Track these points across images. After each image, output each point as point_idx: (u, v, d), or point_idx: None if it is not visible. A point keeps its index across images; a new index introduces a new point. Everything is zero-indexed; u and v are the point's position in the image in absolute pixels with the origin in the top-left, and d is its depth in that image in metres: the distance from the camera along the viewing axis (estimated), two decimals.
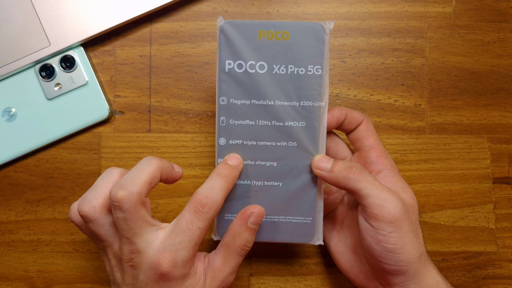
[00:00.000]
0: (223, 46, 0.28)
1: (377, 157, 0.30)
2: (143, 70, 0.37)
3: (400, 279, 0.27)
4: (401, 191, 0.29)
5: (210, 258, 0.28)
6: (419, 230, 0.28)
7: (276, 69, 0.28)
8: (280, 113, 0.28)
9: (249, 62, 0.28)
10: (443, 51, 0.37)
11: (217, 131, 0.29)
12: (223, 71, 0.28)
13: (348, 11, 0.37)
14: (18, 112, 0.36)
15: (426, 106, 0.37)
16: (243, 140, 0.29)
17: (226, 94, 0.28)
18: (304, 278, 0.36)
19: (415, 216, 0.28)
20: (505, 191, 0.37)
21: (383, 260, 0.27)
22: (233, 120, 0.29)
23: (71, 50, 0.35)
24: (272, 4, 0.37)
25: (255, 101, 0.28)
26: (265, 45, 0.28)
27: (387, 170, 0.30)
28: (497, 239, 0.37)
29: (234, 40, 0.28)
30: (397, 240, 0.26)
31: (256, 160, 0.29)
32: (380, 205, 0.26)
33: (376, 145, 0.30)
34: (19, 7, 0.35)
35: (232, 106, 0.28)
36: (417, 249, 0.27)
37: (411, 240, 0.26)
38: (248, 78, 0.28)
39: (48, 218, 0.36)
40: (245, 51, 0.28)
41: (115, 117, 0.37)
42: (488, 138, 0.37)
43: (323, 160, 0.28)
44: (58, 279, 0.36)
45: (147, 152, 0.36)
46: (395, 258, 0.26)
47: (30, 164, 0.36)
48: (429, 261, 0.28)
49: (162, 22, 0.37)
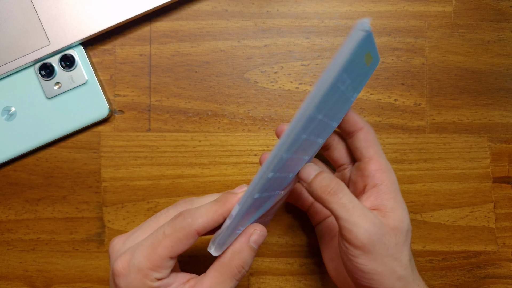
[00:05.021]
0: (352, 59, 0.21)
1: (375, 171, 0.28)
2: (143, 69, 0.37)
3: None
4: (389, 211, 0.27)
5: (197, 281, 0.24)
6: (402, 254, 0.26)
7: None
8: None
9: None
10: (443, 50, 0.37)
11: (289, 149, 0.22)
12: (334, 88, 0.22)
13: (348, 10, 0.37)
14: (18, 111, 0.36)
15: (426, 106, 0.37)
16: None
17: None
18: (304, 278, 0.36)
19: (396, 239, 0.26)
20: (505, 190, 0.37)
21: (357, 276, 0.26)
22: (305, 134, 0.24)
23: (71, 49, 0.35)
24: (272, 3, 0.37)
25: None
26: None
27: (383, 185, 0.28)
28: (497, 238, 0.36)
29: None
30: (367, 262, 0.25)
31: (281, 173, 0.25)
32: (349, 229, 0.25)
33: (376, 158, 0.29)
34: (19, 6, 0.35)
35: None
36: (393, 273, 0.25)
37: (385, 264, 0.25)
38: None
39: (47, 217, 0.36)
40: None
41: (114, 116, 0.36)
42: (488, 138, 0.37)
43: (307, 171, 0.27)
44: (57, 278, 0.36)
45: (147, 151, 0.36)
46: (367, 276, 0.25)
47: (29, 163, 0.36)
48: (416, 283, 0.27)
49: (162, 21, 0.37)
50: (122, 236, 0.26)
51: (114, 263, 0.24)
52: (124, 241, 0.25)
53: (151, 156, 0.36)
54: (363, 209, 0.25)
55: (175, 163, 0.36)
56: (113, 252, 0.25)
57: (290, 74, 0.37)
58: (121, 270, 0.23)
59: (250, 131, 0.36)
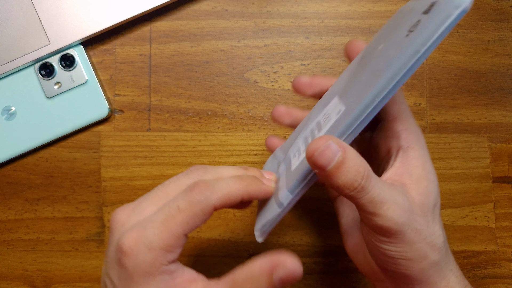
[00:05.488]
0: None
1: (401, 131, 0.24)
2: (143, 69, 0.37)
3: (403, 280, 0.23)
4: (413, 183, 0.22)
5: (207, 284, 0.21)
6: (435, 235, 0.22)
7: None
8: None
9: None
10: (443, 50, 0.37)
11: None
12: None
13: (348, 10, 0.37)
14: (18, 110, 0.36)
15: (426, 105, 0.37)
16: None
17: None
18: (304, 278, 0.36)
19: (426, 218, 0.22)
20: (505, 190, 0.37)
21: (380, 259, 0.23)
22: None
23: (71, 48, 0.35)
24: (272, 3, 0.37)
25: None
26: None
27: (410, 149, 0.23)
28: (497, 238, 0.36)
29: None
30: (393, 247, 0.22)
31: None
32: (370, 217, 0.21)
33: (402, 116, 0.24)
34: (19, 6, 0.35)
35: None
36: (424, 258, 0.22)
37: (415, 250, 0.22)
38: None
39: (47, 217, 0.36)
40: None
41: (114, 116, 0.36)
42: (488, 138, 0.37)
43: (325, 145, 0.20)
44: (57, 278, 0.36)
45: (147, 151, 0.36)
46: (392, 261, 0.22)
47: (29, 163, 0.36)
48: (448, 268, 0.24)
49: (162, 21, 0.37)
50: (126, 207, 0.22)
51: (120, 240, 0.20)
52: (129, 214, 0.22)
53: (151, 156, 0.36)
54: (389, 191, 0.21)
55: (175, 162, 0.36)
56: (117, 226, 0.22)
57: (290, 74, 0.37)
58: (128, 249, 0.20)
59: (250, 131, 0.36)
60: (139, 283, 0.20)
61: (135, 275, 0.20)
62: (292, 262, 0.20)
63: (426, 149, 0.24)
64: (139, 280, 0.20)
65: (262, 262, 0.20)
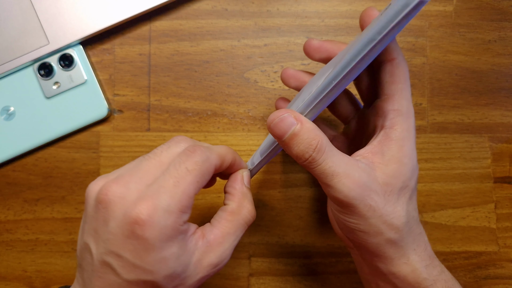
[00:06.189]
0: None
1: (388, 111, 0.24)
2: (142, 69, 0.36)
3: (362, 251, 0.25)
4: (382, 163, 0.23)
5: (204, 230, 0.23)
6: (393, 215, 0.23)
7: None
8: None
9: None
10: (444, 50, 0.37)
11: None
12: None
13: (349, 9, 0.37)
14: (17, 110, 0.35)
15: (427, 105, 0.37)
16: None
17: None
18: (304, 278, 0.36)
19: (386, 198, 0.23)
20: (506, 190, 0.36)
21: (341, 227, 0.24)
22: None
23: (70, 48, 0.35)
24: (272, 2, 0.36)
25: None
26: None
27: (391, 130, 0.23)
28: (498, 239, 0.36)
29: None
30: (348, 218, 0.23)
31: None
32: (327, 183, 0.22)
33: (395, 96, 0.24)
34: (18, 6, 0.35)
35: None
36: (379, 234, 0.23)
37: (370, 224, 0.23)
38: None
39: (46, 217, 0.36)
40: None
41: (114, 116, 0.36)
42: (489, 138, 0.37)
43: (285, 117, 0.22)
44: (56, 278, 0.36)
45: (146, 151, 0.36)
46: (350, 231, 0.24)
47: (28, 163, 0.36)
48: (410, 247, 0.24)
49: (162, 20, 0.37)
50: (120, 181, 0.21)
51: (133, 212, 0.20)
52: (126, 185, 0.21)
53: None
54: (344, 165, 0.22)
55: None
56: (120, 201, 0.21)
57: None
58: (148, 218, 0.20)
59: (250, 131, 0.36)
60: (161, 249, 0.20)
61: (157, 242, 0.20)
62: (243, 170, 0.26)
63: (411, 132, 0.24)
64: (161, 246, 0.20)
65: (239, 185, 0.25)
